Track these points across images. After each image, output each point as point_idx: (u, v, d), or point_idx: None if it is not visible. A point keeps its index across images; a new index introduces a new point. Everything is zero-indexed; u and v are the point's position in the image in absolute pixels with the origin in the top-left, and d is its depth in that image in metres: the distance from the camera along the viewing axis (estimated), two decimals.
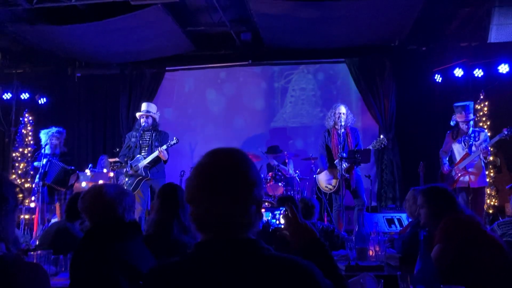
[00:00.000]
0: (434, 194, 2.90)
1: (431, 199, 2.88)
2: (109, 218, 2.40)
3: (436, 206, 2.83)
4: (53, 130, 6.88)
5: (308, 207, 4.29)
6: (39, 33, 7.74)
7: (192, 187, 1.36)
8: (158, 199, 2.95)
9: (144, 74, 9.21)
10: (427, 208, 2.88)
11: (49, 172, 6.56)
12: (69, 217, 3.72)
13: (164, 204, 2.89)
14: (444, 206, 2.81)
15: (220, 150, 1.40)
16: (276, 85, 9.19)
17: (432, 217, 2.84)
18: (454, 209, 2.81)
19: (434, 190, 2.94)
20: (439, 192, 2.91)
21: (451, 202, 2.84)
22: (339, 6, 6.80)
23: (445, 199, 2.85)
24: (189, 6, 7.43)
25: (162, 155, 6.20)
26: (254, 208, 1.34)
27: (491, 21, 5.67)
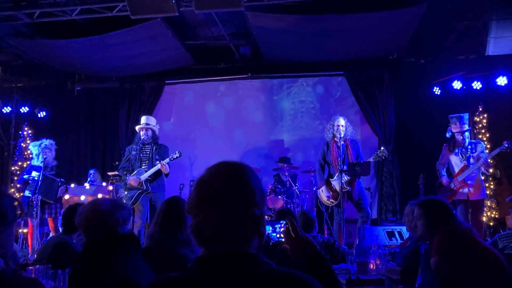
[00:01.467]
0: (430, 206, 2.90)
1: (428, 211, 2.88)
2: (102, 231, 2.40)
3: (433, 218, 2.83)
4: (46, 142, 6.77)
5: (308, 220, 4.27)
6: (39, 47, 7.79)
7: (193, 199, 1.36)
8: (160, 211, 2.94)
9: (144, 87, 9.24)
10: (424, 220, 2.87)
11: (43, 187, 6.47)
12: (67, 230, 3.71)
13: (166, 216, 2.88)
14: (440, 218, 2.81)
15: (223, 163, 1.40)
16: (276, 98, 9.22)
17: (429, 229, 2.83)
18: (451, 221, 2.81)
19: (431, 203, 2.94)
20: (436, 204, 2.92)
21: (447, 215, 2.84)
22: (337, 20, 6.85)
23: (441, 212, 2.85)
24: (188, 20, 7.48)
25: (164, 169, 6.21)
26: (255, 222, 1.33)
27: (489, 34, 5.71)
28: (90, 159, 9.32)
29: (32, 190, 6.45)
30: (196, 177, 1.44)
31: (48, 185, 6.56)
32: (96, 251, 2.30)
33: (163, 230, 2.80)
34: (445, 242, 2.63)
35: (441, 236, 2.67)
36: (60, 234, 3.77)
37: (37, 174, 6.49)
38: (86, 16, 6.61)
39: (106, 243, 2.31)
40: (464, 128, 5.91)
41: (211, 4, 5.56)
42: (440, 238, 2.67)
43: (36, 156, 6.72)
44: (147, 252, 2.67)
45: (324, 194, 6.32)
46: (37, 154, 6.71)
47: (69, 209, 3.82)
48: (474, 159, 5.86)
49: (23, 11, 6.33)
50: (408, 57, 8.41)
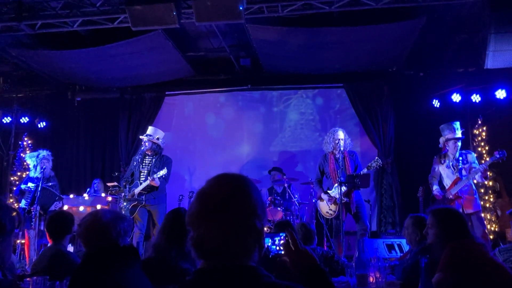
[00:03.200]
0: (444, 216, 2.83)
1: (441, 220, 2.80)
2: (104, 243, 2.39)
3: (446, 229, 2.76)
4: (44, 153, 6.75)
5: (308, 232, 4.26)
6: (40, 58, 7.82)
7: (193, 212, 1.35)
8: (167, 222, 2.93)
9: (144, 98, 9.26)
10: (437, 229, 2.80)
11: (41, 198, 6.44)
12: (55, 238, 3.68)
13: (167, 228, 2.87)
14: (454, 229, 2.74)
15: (224, 176, 1.40)
16: (275, 110, 9.24)
17: (441, 239, 2.76)
18: (465, 234, 2.73)
19: (445, 212, 2.87)
20: (450, 214, 2.85)
21: (462, 226, 2.76)
22: (337, 32, 6.89)
23: (455, 222, 2.77)
24: (189, 31, 7.53)
25: (154, 183, 6.15)
26: (255, 235, 1.33)
27: (487, 47, 5.74)
28: (89, 170, 9.30)
29: (28, 201, 6.43)
30: (196, 188, 1.44)
31: (47, 197, 6.54)
32: (96, 262, 2.28)
33: (169, 241, 2.79)
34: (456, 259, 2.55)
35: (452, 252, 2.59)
36: (52, 245, 3.73)
37: (33, 185, 6.47)
38: (88, 27, 6.65)
39: (106, 255, 2.30)
40: (458, 134, 5.91)
41: (211, 16, 5.59)
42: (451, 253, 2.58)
43: (34, 168, 6.69)
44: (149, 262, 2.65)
45: (324, 205, 6.29)
46: (35, 166, 6.68)
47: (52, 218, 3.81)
48: (466, 170, 5.85)
49: (25, 22, 6.37)
50: (407, 70, 8.45)
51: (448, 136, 5.93)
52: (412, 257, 3.39)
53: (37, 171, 6.62)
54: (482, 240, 5.13)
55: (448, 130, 5.95)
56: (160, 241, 2.86)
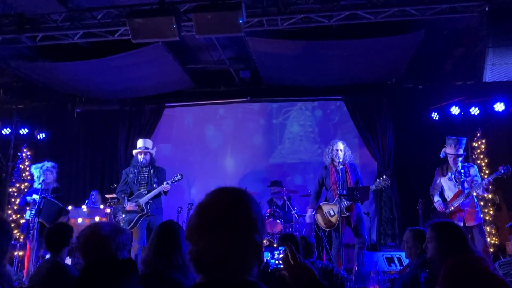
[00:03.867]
0: (444, 230, 2.82)
1: (441, 234, 2.79)
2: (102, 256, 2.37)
3: (446, 243, 2.75)
4: (48, 165, 6.76)
5: (308, 245, 4.24)
6: (40, 70, 7.85)
7: (193, 225, 1.35)
8: (156, 236, 2.91)
9: (144, 110, 9.28)
10: (436, 243, 2.80)
11: (43, 210, 6.42)
12: (53, 251, 3.65)
13: (160, 241, 2.85)
14: (454, 243, 2.73)
15: (223, 190, 1.40)
16: (275, 122, 9.26)
17: (440, 253, 2.75)
18: (465, 248, 2.72)
19: (444, 225, 2.87)
20: (449, 228, 2.84)
21: (461, 240, 2.75)
22: (336, 46, 6.94)
23: (455, 236, 2.76)
24: (189, 44, 7.57)
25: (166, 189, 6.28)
26: (254, 250, 1.33)
27: (486, 61, 5.76)
28: (89, 182, 9.28)
29: (33, 212, 6.40)
30: (194, 200, 1.44)
31: (50, 209, 6.50)
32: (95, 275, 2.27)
33: (157, 255, 2.77)
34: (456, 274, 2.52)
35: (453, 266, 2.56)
36: (50, 257, 3.70)
37: (37, 196, 6.45)
38: (88, 39, 6.69)
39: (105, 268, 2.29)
40: (460, 152, 5.89)
41: (211, 29, 5.63)
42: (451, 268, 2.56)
43: (37, 179, 6.70)
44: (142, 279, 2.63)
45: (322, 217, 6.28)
46: (38, 177, 6.69)
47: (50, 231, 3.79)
48: (468, 183, 5.83)
49: (26, 34, 6.41)
50: (406, 83, 8.49)
51: (448, 150, 5.94)
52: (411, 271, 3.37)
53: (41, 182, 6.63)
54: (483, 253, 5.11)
55: (449, 144, 5.94)
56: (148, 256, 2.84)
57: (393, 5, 5.79)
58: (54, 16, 6.30)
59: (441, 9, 5.79)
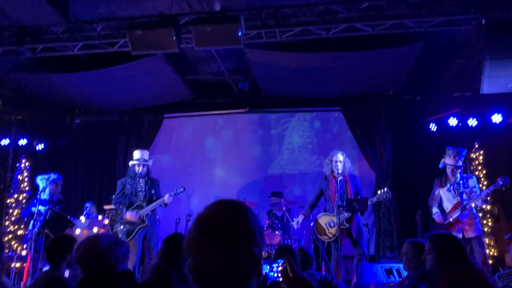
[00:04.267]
0: (442, 241, 2.82)
1: (440, 246, 2.79)
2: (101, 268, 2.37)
3: (444, 255, 2.75)
4: (54, 177, 6.76)
5: (306, 257, 4.23)
6: (40, 81, 7.88)
7: (192, 238, 1.35)
8: (162, 246, 2.92)
9: (143, 121, 9.30)
10: (435, 255, 2.79)
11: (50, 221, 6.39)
12: (53, 263, 3.61)
13: (167, 252, 2.85)
14: (452, 255, 2.72)
15: (222, 202, 1.40)
16: (273, 133, 9.28)
17: (439, 265, 2.75)
18: (464, 260, 2.72)
19: (443, 237, 2.86)
20: (448, 239, 2.84)
21: (460, 252, 2.75)
22: (334, 57, 6.99)
23: (454, 248, 2.76)
24: (188, 56, 7.62)
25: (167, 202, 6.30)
26: (253, 263, 1.33)
27: (483, 73, 5.80)
28: (87, 192, 9.27)
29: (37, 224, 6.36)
30: (193, 211, 1.45)
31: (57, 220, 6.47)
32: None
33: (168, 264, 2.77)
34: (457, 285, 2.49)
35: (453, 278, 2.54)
36: (49, 269, 3.67)
37: (43, 208, 6.43)
38: (88, 51, 6.73)
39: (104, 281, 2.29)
40: (459, 163, 5.89)
41: (211, 41, 5.67)
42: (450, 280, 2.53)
43: (43, 190, 6.69)
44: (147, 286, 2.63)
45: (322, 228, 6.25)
46: (44, 188, 6.68)
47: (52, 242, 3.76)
48: (467, 194, 5.83)
49: (26, 46, 6.45)
50: (404, 94, 8.53)
51: (448, 161, 5.94)
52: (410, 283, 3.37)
53: (46, 193, 6.64)
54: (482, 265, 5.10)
55: (448, 155, 5.95)
56: (160, 264, 2.84)
57: (390, 18, 5.85)
58: (54, 28, 6.35)
59: (438, 21, 5.84)
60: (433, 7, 5.69)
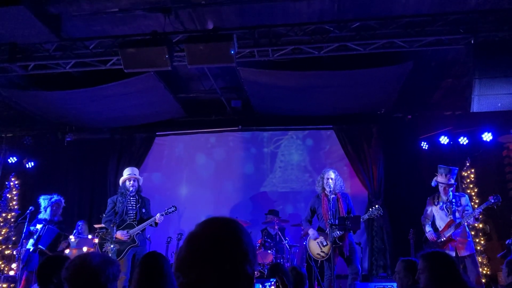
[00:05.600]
0: (436, 260, 2.82)
1: (433, 265, 2.79)
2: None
3: (438, 273, 2.75)
4: (56, 198, 6.76)
5: (299, 276, 4.19)
6: (32, 98, 7.84)
7: (183, 257, 1.32)
8: (139, 268, 2.85)
9: (134, 138, 9.26)
10: (429, 273, 2.79)
11: (43, 237, 6.34)
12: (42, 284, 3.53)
13: (145, 274, 2.79)
14: (446, 273, 2.73)
15: (214, 220, 1.38)
16: (266, 151, 9.28)
17: (433, 283, 2.75)
18: (456, 278, 2.72)
19: (436, 256, 2.86)
20: (441, 258, 2.84)
21: (453, 270, 2.75)
22: (326, 76, 7.03)
23: (447, 267, 2.77)
24: (181, 73, 7.64)
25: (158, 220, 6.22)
26: (246, 282, 1.30)
27: (473, 91, 5.86)
28: (77, 211, 9.14)
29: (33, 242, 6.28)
30: (184, 230, 1.42)
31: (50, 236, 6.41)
32: None
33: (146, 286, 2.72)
34: None
35: None
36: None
37: (40, 226, 6.36)
38: (80, 69, 6.72)
39: None
40: (451, 182, 5.92)
41: (203, 60, 5.69)
42: None
43: (44, 209, 6.65)
44: None
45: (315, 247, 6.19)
46: (45, 207, 6.66)
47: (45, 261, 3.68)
48: (460, 213, 5.84)
49: (18, 63, 6.42)
50: (396, 113, 8.60)
51: (441, 180, 5.96)
52: None
53: (46, 213, 6.59)
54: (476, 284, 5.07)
55: (440, 173, 5.98)
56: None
57: (381, 37, 5.92)
58: (47, 46, 6.34)
59: (428, 41, 5.93)
60: (424, 27, 5.77)
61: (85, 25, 6.06)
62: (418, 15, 5.72)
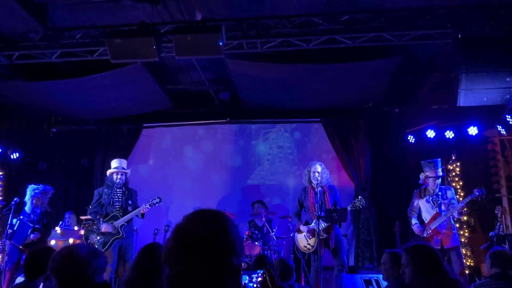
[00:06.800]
0: (419, 253, 2.85)
1: (416, 258, 2.82)
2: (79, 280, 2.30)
3: (421, 266, 2.78)
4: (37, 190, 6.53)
5: (286, 268, 4.21)
6: (17, 89, 7.72)
7: (170, 249, 1.32)
8: (140, 258, 2.84)
9: (121, 130, 9.18)
10: (412, 267, 2.82)
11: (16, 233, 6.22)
12: (29, 276, 3.50)
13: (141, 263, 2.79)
14: (429, 266, 2.75)
15: (201, 212, 1.37)
16: (254, 143, 9.27)
17: (418, 276, 2.77)
18: (440, 271, 2.75)
19: (419, 249, 2.90)
20: (424, 251, 2.87)
21: (437, 263, 2.78)
22: (314, 69, 7.04)
23: (430, 259, 2.80)
24: (169, 65, 7.57)
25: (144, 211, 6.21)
26: (233, 273, 1.30)
27: (459, 86, 5.92)
28: (63, 203, 9.04)
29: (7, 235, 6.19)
30: (171, 222, 1.42)
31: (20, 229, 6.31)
32: None
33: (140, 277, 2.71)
34: None
35: None
36: (23, 281, 3.56)
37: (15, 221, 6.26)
38: (66, 59, 6.63)
39: None
40: (439, 173, 6.01)
41: (191, 51, 5.65)
42: None
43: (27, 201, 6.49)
44: None
45: (302, 239, 6.22)
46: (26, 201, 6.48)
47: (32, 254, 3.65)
48: (446, 205, 5.92)
49: (2, 52, 6.32)
50: (383, 106, 8.64)
51: (428, 174, 6.04)
52: None
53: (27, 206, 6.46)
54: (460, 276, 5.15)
55: (428, 168, 6.06)
56: (133, 277, 2.77)
57: (370, 31, 5.94)
58: (32, 35, 6.24)
59: (416, 35, 5.96)
60: (412, 21, 5.80)
61: (71, 15, 5.96)
62: (406, 9, 5.75)
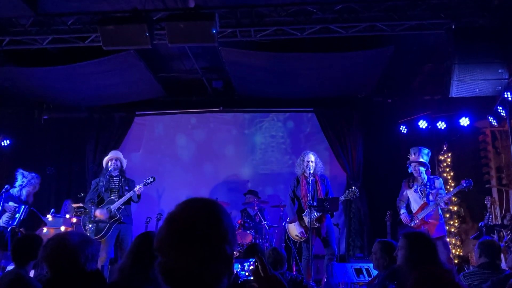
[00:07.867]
0: (416, 240, 2.89)
1: (412, 244, 2.86)
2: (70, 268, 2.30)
3: (415, 253, 2.81)
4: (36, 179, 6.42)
5: (279, 256, 4.23)
6: (7, 75, 7.63)
7: (162, 237, 1.32)
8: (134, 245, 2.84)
9: (113, 118, 9.12)
10: (406, 252, 2.86)
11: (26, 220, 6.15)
12: (19, 263, 3.50)
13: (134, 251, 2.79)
14: (423, 254, 2.79)
15: (194, 201, 1.37)
16: (247, 132, 9.27)
17: (409, 262, 2.81)
18: (433, 260, 2.78)
19: (417, 236, 2.93)
20: (422, 239, 2.91)
21: (431, 252, 2.82)
22: (307, 58, 7.02)
23: (426, 248, 2.83)
24: (161, 52, 7.52)
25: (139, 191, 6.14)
26: (225, 262, 1.31)
27: (452, 77, 5.93)
28: (55, 190, 9.02)
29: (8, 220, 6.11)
30: (164, 210, 1.41)
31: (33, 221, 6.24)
32: None
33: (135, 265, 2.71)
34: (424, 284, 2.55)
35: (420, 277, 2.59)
36: (14, 268, 3.55)
37: (15, 205, 6.17)
38: (58, 45, 6.56)
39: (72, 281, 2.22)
40: (420, 159, 6.02)
41: (184, 38, 5.61)
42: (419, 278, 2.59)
43: (19, 186, 6.39)
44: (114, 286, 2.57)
45: (295, 229, 6.25)
46: (21, 185, 6.37)
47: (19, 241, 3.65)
48: (433, 195, 5.97)
49: None
50: (376, 96, 8.65)
51: (411, 158, 6.09)
52: (379, 282, 3.41)
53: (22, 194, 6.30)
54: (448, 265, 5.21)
55: (413, 152, 6.11)
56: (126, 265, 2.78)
57: (363, 20, 5.93)
58: (23, 20, 6.16)
59: (409, 25, 5.96)
60: (406, 11, 5.79)
61: (63, 0, 5.88)
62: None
